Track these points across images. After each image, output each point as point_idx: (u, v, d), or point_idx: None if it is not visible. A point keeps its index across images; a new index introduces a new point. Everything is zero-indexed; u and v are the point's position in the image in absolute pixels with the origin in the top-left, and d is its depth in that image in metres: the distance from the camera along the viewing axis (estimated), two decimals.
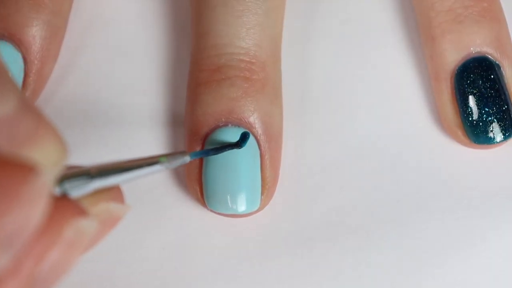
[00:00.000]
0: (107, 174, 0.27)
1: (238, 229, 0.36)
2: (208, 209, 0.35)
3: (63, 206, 0.25)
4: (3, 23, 0.37)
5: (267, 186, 0.36)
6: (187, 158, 0.30)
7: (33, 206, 0.23)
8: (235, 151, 0.35)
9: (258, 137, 0.35)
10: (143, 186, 0.37)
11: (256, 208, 0.35)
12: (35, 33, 0.37)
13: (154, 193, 0.37)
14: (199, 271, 0.35)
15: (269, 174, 0.36)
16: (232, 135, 0.35)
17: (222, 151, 0.35)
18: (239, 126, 0.35)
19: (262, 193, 0.35)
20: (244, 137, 0.35)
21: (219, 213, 0.35)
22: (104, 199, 0.27)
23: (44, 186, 0.23)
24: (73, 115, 0.38)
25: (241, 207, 0.35)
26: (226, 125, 0.35)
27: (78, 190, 0.26)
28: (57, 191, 0.26)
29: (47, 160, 0.24)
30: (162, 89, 0.39)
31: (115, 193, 0.28)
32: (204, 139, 0.35)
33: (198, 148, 0.35)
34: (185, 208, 0.37)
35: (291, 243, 0.36)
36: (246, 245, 0.36)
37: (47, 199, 0.23)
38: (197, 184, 0.35)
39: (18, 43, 0.37)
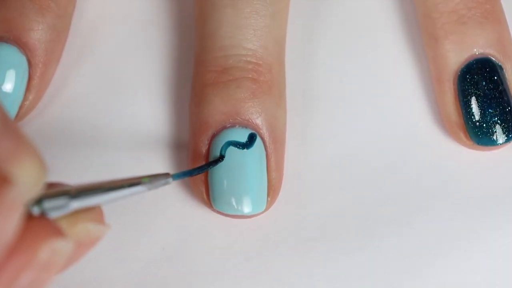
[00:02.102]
0: (87, 194, 0.27)
1: (239, 229, 0.36)
2: (213, 210, 0.36)
3: (40, 226, 0.25)
4: (8, 26, 0.36)
5: (273, 187, 0.36)
6: (169, 180, 0.30)
7: (6, 218, 0.22)
8: (242, 152, 0.35)
9: (265, 139, 0.36)
10: None
11: (262, 210, 0.35)
12: (40, 37, 0.37)
13: (154, 192, 0.37)
14: (200, 271, 0.35)
15: (274, 176, 0.36)
16: (239, 136, 0.35)
17: (206, 169, 0.35)
18: (246, 127, 0.35)
19: (268, 195, 0.35)
20: (251, 138, 0.35)
21: (225, 214, 0.35)
22: (83, 220, 0.27)
23: (18, 198, 0.23)
24: (73, 116, 0.38)
25: (248, 209, 0.35)
26: (233, 126, 0.35)
27: (57, 210, 0.26)
28: (35, 210, 0.26)
29: (25, 180, 0.24)
30: (165, 90, 0.39)
31: (95, 213, 0.28)
32: (211, 139, 0.35)
33: (204, 149, 0.35)
34: (185, 208, 0.37)
35: (291, 243, 0.36)
36: (247, 245, 0.36)
37: (21, 212, 0.23)
38: (203, 185, 0.35)
39: (23, 46, 0.37)
